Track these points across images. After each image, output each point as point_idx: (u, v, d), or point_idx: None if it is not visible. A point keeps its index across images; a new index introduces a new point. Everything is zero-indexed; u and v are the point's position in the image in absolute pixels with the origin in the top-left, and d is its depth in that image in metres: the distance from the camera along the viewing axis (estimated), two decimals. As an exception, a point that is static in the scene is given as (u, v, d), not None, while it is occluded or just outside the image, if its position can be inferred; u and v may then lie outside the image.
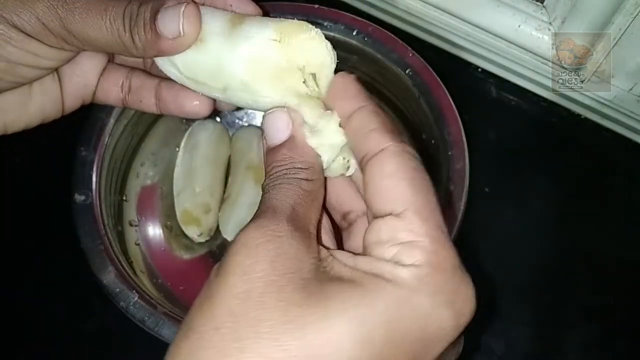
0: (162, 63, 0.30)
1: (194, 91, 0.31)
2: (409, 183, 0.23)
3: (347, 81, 0.27)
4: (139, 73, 0.34)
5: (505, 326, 0.48)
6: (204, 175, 0.49)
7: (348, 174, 0.28)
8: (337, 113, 0.26)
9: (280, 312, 0.19)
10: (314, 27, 0.27)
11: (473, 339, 0.48)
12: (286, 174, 0.24)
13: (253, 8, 0.31)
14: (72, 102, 0.34)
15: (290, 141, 0.26)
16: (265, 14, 0.45)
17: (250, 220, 0.22)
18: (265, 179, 0.25)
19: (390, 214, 0.22)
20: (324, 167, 0.27)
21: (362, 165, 0.24)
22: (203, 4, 0.30)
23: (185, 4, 0.28)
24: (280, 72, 0.27)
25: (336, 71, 0.28)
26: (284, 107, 0.27)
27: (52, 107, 0.33)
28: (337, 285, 0.21)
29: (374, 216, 0.23)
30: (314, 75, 0.27)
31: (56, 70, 0.32)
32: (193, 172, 0.49)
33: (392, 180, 0.23)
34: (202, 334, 0.20)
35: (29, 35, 0.28)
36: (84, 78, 0.33)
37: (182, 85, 0.31)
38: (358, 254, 0.23)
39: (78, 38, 0.28)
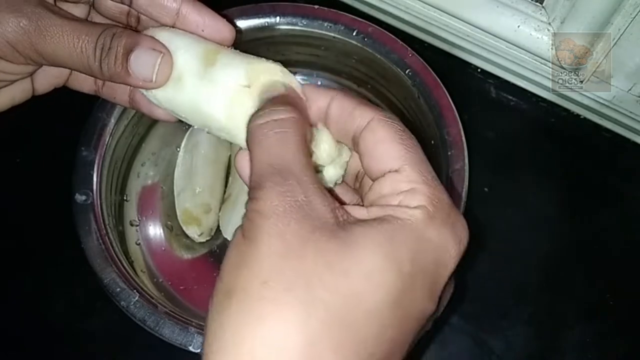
0: (145, 93, 0.31)
1: None
2: (400, 143, 0.25)
3: (312, 86, 0.29)
4: None
5: (505, 326, 0.48)
6: (205, 175, 0.50)
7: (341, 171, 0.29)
8: (314, 112, 0.28)
9: (321, 262, 0.21)
10: (280, 67, 0.29)
11: (472, 337, 0.48)
12: (280, 113, 0.26)
13: (226, 30, 0.31)
14: (44, 89, 0.34)
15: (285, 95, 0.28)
16: (265, 14, 0.45)
17: (264, 180, 0.23)
18: (256, 119, 0.26)
19: (388, 172, 0.25)
20: (328, 180, 0.28)
21: (355, 140, 0.27)
22: (173, 26, 0.31)
23: (162, 55, 0.29)
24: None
25: None
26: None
27: (22, 96, 0.33)
28: (359, 227, 0.23)
29: (374, 179, 0.26)
30: None
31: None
32: (193, 172, 0.49)
33: (386, 143, 0.25)
34: (248, 290, 0.21)
35: None
36: (57, 70, 0.33)
37: None
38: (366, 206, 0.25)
39: (47, 59, 0.29)
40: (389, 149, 0.25)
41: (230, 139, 0.30)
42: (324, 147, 0.28)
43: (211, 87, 0.29)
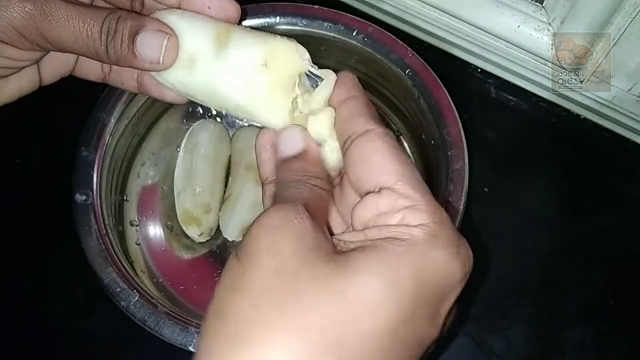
0: (157, 78, 0.31)
1: None
2: (396, 159, 0.25)
3: (347, 76, 0.29)
4: None
5: (505, 326, 0.48)
6: (205, 175, 0.50)
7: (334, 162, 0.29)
8: (333, 100, 0.28)
9: (317, 283, 0.21)
10: (294, 43, 0.29)
11: (472, 337, 0.48)
12: (299, 180, 0.26)
13: (231, 8, 0.31)
14: (50, 79, 0.34)
15: (305, 154, 0.27)
16: (265, 14, 0.45)
17: (267, 209, 0.23)
18: (277, 187, 0.26)
19: (382, 188, 0.24)
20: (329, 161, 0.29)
21: (347, 144, 0.26)
22: (179, 7, 0.31)
23: (168, 36, 0.29)
24: (272, 92, 0.28)
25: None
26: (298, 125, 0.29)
27: (29, 86, 0.33)
28: (359, 253, 0.22)
29: (365, 192, 0.25)
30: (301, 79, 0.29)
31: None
32: (193, 172, 0.49)
33: (381, 156, 0.25)
34: (239, 315, 0.20)
35: (4, 42, 0.29)
36: (63, 58, 0.33)
37: None
38: (363, 230, 0.24)
39: (53, 44, 0.29)
40: (385, 162, 0.25)
41: (247, 117, 0.30)
42: (324, 115, 0.28)
43: (227, 68, 0.29)
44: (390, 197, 0.24)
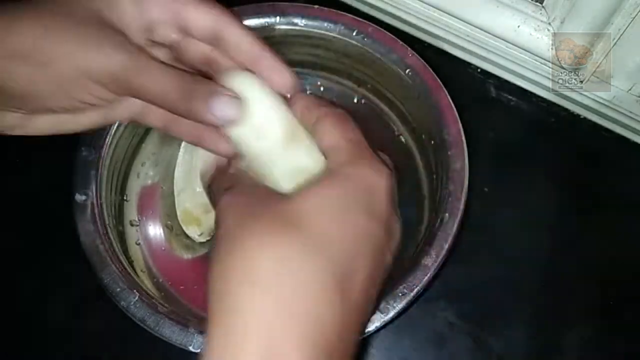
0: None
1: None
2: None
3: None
4: None
5: (505, 325, 0.48)
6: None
7: None
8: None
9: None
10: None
11: (472, 337, 0.48)
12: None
13: (288, 85, 0.34)
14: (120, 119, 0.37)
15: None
16: (265, 14, 0.45)
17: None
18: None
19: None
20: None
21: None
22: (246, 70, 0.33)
23: (240, 101, 0.32)
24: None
25: None
26: None
27: (101, 122, 0.36)
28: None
29: None
30: None
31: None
32: (194, 171, 0.49)
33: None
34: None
35: (96, 81, 0.31)
36: (132, 102, 0.35)
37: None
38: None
39: (134, 91, 0.32)
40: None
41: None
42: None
43: (287, 163, 0.33)
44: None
